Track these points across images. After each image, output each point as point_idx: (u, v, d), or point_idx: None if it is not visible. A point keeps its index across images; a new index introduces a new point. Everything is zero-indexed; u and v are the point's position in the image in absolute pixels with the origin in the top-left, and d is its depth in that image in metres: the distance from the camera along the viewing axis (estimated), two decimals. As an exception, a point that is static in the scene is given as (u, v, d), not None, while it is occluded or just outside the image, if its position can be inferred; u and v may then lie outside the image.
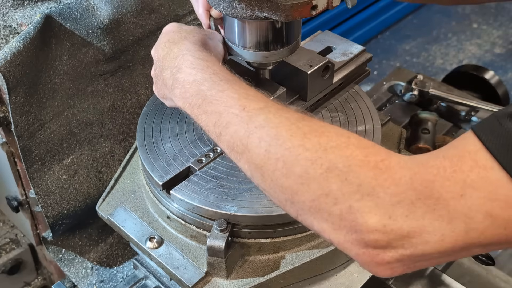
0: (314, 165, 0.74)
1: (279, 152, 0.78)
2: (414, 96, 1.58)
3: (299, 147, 0.76)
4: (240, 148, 0.83)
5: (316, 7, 0.96)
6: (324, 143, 0.76)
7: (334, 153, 0.74)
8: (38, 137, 1.21)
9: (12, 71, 1.10)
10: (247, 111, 0.83)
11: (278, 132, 0.79)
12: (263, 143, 0.79)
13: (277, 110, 0.83)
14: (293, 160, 0.76)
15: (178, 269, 1.03)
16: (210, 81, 0.89)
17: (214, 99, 0.87)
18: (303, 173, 0.75)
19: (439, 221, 0.69)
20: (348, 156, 0.74)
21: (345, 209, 0.72)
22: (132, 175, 1.22)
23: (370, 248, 0.72)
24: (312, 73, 1.14)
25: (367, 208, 0.70)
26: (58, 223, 1.29)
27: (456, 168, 0.69)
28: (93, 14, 1.22)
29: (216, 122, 0.86)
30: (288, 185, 0.77)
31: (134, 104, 1.37)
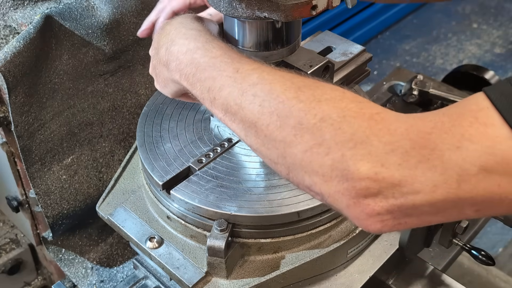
0: (308, 115, 0.74)
1: (273, 106, 0.77)
2: (414, 96, 1.58)
3: (293, 99, 0.76)
4: (234, 109, 0.82)
5: (316, 7, 0.96)
6: (319, 96, 0.75)
7: (328, 105, 0.74)
8: (38, 137, 1.21)
9: (12, 71, 1.10)
10: (241, 72, 0.83)
11: (272, 87, 0.79)
12: (257, 99, 0.79)
13: (271, 69, 0.83)
14: (287, 112, 0.76)
15: (178, 269, 1.03)
16: (203, 49, 0.89)
17: (207, 65, 0.87)
18: (296, 124, 0.74)
19: (432, 171, 0.68)
20: (343, 107, 0.73)
21: (337, 158, 0.71)
22: (132, 175, 1.22)
23: (361, 197, 0.71)
24: (312, 73, 1.14)
25: (359, 156, 0.70)
26: (58, 223, 1.29)
27: (455, 123, 0.68)
28: (93, 14, 1.22)
29: (210, 88, 0.86)
30: (282, 138, 0.76)
31: (134, 104, 1.37)
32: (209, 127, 1.17)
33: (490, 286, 1.44)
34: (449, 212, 0.71)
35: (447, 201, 0.69)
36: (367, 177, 0.69)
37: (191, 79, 0.89)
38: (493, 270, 1.60)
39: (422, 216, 0.72)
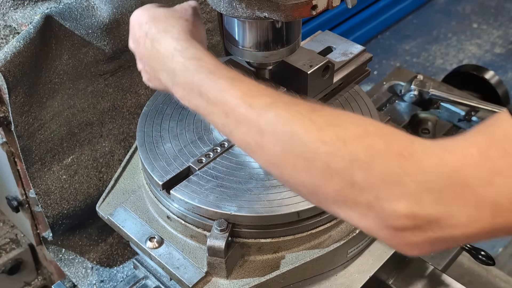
0: (336, 158, 0.72)
1: (296, 149, 0.75)
2: (414, 96, 1.58)
3: (316, 142, 0.74)
4: (253, 147, 0.80)
5: (316, 7, 0.96)
6: (342, 135, 0.73)
7: (354, 144, 0.72)
8: (38, 137, 1.21)
9: (12, 71, 1.10)
10: (254, 108, 0.80)
11: (292, 128, 0.76)
12: (278, 141, 0.77)
13: (286, 104, 0.79)
14: (313, 156, 0.74)
15: (178, 269, 1.03)
16: (208, 81, 0.86)
17: (217, 100, 0.84)
18: (325, 168, 0.73)
19: (467, 207, 0.68)
20: (369, 146, 0.72)
21: (371, 199, 0.71)
22: (132, 175, 1.22)
23: (399, 231, 0.71)
24: (312, 73, 1.14)
25: (394, 197, 0.70)
26: (58, 223, 1.29)
27: (484, 156, 0.68)
28: (93, 14, 1.22)
29: (224, 123, 0.84)
30: (310, 180, 0.75)
31: (134, 104, 1.37)
32: (209, 127, 1.17)
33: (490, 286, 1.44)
34: (484, 236, 0.72)
35: (482, 232, 0.70)
36: (403, 216, 0.70)
37: (202, 111, 0.87)
38: (493, 270, 1.60)
39: (459, 242, 0.74)
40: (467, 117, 1.56)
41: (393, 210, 0.70)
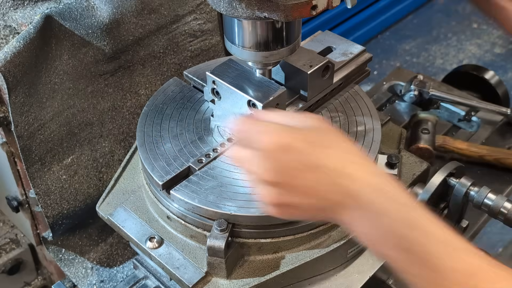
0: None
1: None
2: (414, 96, 1.58)
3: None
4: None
5: (316, 7, 0.96)
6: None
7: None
8: (38, 137, 1.21)
9: (12, 71, 1.10)
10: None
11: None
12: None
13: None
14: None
15: (178, 269, 1.03)
16: (422, 238, 0.76)
17: (423, 252, 0.76)
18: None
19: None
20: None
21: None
22: (132, 175, 1.22)
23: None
24: (312, 73, 1.14)
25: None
26: (58, 223, 1.29)
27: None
28: (93, 14, 1.22)
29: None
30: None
31: (134, 104, 1.37)
32: (209, 127, 1.17)
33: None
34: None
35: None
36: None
37: (399, 263, 0.79)
38: (493, 270, 1.60)
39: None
40: (467, 117, 1.56)
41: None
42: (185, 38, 1.41)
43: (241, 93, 1.06)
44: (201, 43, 1.45)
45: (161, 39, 1.37)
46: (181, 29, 1.40)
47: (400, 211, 0.79)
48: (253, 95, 1.05)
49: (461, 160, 1.40)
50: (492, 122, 1.54)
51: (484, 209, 1.16)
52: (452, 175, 1.19)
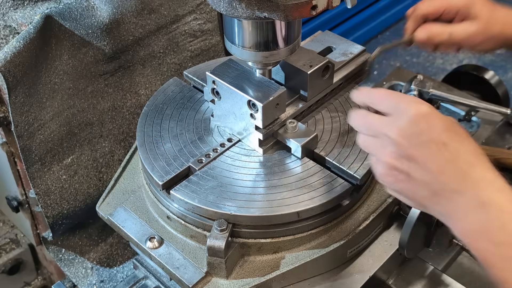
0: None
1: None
2: (414, 96, 1.58)
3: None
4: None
5: (316, 7, 0.96)
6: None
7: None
8: (38, 137, 1.21)
9: (12, 71, 1.10)
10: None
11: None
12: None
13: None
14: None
15: (178, 269, 1.03)
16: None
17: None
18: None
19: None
20: None
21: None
22: (132, 175, 1.22)
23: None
24: (312, 73, 1.14)
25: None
26: (58, 223, 1.29)
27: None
28: (93, 14, 1.22)
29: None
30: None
31: (134, 104, 1.37)
32: (209, 127, 1.17)
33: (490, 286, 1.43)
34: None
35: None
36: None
37: (493, 260, 0.79)
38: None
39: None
40: (467, 117, 1.56)
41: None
42: (185, 38, 1.41)
43: (241, 93, 1.06)
44: (201, 43, 1.45)
45: (161, 39, 1.37)
46: (181, 29, 1.40)
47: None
48: (253, 95, 1.05)
49: (461, 160, 1.40)
50: (492, 122, 1.54)
51: (484, 209, 1.16)
52: (452, 175, 1.18)
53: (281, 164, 1.10)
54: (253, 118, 1.07)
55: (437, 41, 1.11)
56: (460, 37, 1.09)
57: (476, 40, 1.10)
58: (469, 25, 1.10)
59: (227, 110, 1.12)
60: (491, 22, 1.10)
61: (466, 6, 1.09)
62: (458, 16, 1.09)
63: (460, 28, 1.10)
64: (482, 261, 0.81)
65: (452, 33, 1.09)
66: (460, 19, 1.09)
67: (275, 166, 1.09)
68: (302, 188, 1.04)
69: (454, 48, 1.13)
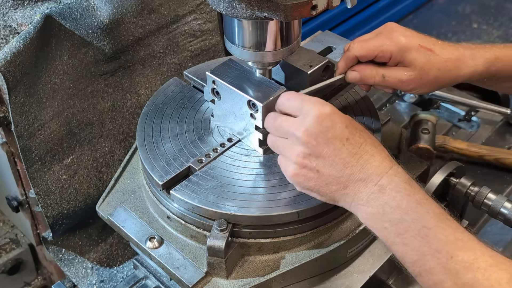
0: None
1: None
2: (414, 96, 1.58)
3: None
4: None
5: (316, 7, 0.96)
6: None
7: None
8: (38, 137, 1.21)
9: (12, 71, 1.10)
10: (455, 261, 0.82)
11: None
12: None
13: (486, 269, 0.81)
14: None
15: (178, 269, 1.03)
16: (416, 213, 0.87)
17: (418, 234, 0.85)
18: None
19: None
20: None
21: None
22: (132, 175, 1.22)
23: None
24: (312, 73, 1.14)
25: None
26: (58, 223, 1.29)
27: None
28: (93, 14, 1.22)
29: (416, 261, 0.86)
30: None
31: (134, 104, 1.37)
32: (209, 127, 1.17)
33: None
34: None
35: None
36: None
37: (392, 236, 0.88)
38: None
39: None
40: (467, 117, 1.56)
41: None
42: (185, 38, 1.41)
43: (241, 93, 1.06)
44: (201, 43, 1.45)
45: (161, 39, 1.37)
46: (181, 29, 1.40)
47: (404, 186, 0.89)
48: (253, 95, 1.06)
49: (461, 160, 1.40)
50: (492, 122, 1.54)
51: (484, 209, 1.16)
52: (452, 175, 1.19)
53: (281, 164, 1.10)
54: (253, 118, 1.07)
55: (370, 83, 1.10)
56: (393, 82, 1.08)
57: (409, 86, 1.09)
58: (402, 72, 1.07)
59: (227, 110, 1.12)
60: (425, 70, 1.07)
61: (400, 52, 1.06)
62: (392, 60, 1.07)
63: (393, 73, 1.08)
64: (384, 242, 0.90)
65: (385, 76, 1.08)
66: (394, 63, 1.08)
67: (275, 166, 1.09)
68: (302, 188, 1.04)
69: (388, 89, 1.12)
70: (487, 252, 0.84)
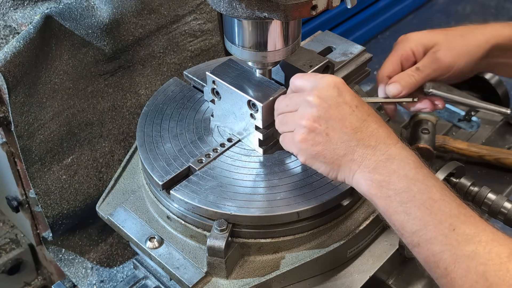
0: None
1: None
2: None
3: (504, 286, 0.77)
4: (440, 271, 0.83)
5: (316, 7, 0.96)
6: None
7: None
8: (38, 137, 1.21)
9: (12, 71, 1.10)
10: (457, 233, 0.83)
11: (487, 271, 0.79)
12: (470, 276, 0.80)
13: (487, 243, 0.82)
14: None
15: (178, 269, 1.03)
16: (423, 184, 0.88)
17: (422, 205, 0.86)
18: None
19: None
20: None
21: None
22: (132, 175, 1.22)
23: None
24: (312, 73, 1.14)
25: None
26: (58, 223, 1.29)
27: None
28: (93, 14, 1.22)
29: (416, 231, 0.86)
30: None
31: (134, 104, 1.37)
32: (209, 127, 1.17)
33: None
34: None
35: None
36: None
37: (394, 205, 0.88)
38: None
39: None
40: (467, 117, 1.56)
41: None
42: (185, 38, 1.41)
43: (241, 93, 1.06)
44: (201, 43, 1.45)
45: (161, 39, 1.37)
46: (181, 29, 1.40)
47: (413, 159, 0.91)
48: (253, 95, 1.06)
49: (461, 160, 1.40)
50: (492, 122, 1.54)
51: (484, 209, 1.16)
52: (452, 175, 1.19)
53: (281, 164, 1.10)
54: (253, 118, 1.07)
55: (411, 83, 1.11)
56: (430, 68, 1.11)
57: (445, 61, 1.12)
58: (430, 53, 1.12)
59: (227, 110, 1.12)
60: (447, 39, 1.11)
61: (417, 44, 1.12)
62: (417, 56, 1.13)
63: (424, 60, 1.12)
64: (383, 211, 0.90)
65: (419, 67, 1.11)
66: (420, 57, 1.13)
67: (275, 166, 1.09)
68: (302, 188, 1.04)
69: (433, 104, 1.17)
70: (488, 228, 0.84)
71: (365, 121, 0.93)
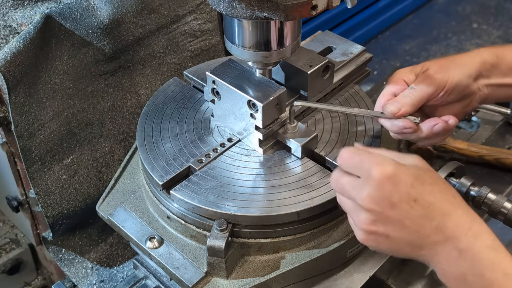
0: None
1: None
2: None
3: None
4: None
5: (316, 7, 0.96)
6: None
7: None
8: (38, 137, 1.21)
9: (12, 71, 1.10)
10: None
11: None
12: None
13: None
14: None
15: (178, 269, 1.03)
16: (501, 287, 0.81)
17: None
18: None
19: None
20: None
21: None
22: (132, 175, 1.22)
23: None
24: (312, 73, 1.14)
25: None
26: (58, 223, 1.29)
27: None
28: (93, 14, 1.22)
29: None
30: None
31: (134, 104, 1.37)
32: (209, 127, 1.17)
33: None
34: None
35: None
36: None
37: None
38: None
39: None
40: (467, 117, 1.56)
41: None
42: (185, 38, 1.41)
43: (241, 93, 1.06)
44: (201, 43, 1.45)
45: (161, 39, 1.37)
46: (181, 29, 1.40)
47: (488, 254, 0.84)
48: (253, 95, 1.06)
49: (461, 160, 1.40)
50: (492, 122, 1.53)
51: (484, 209, 1.16)
52: (452, 175, 1.19)
53: (281, 164, 1.10)
54: (253, 118, 1.07)
55: (407, 102, 1.06)
56: (422, 90, 1.06)
57: (437, 78, 1.08)
58: (422, 75, 1.10)
59: (227, 110, 1.12)
60: (440, 63, 1.11)
61: (412, 69, 1.10)
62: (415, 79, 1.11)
63: (418, 81, 1.09)
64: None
65: (412, 87, 1.07)
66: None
67: (275, 166, 1.09)
68: (302, 188, 1.04)
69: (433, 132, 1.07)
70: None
71: (426, 216, 0.84)
